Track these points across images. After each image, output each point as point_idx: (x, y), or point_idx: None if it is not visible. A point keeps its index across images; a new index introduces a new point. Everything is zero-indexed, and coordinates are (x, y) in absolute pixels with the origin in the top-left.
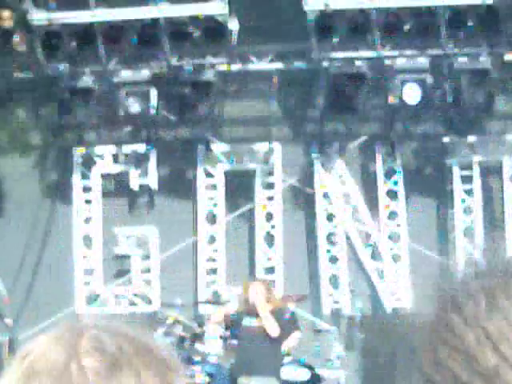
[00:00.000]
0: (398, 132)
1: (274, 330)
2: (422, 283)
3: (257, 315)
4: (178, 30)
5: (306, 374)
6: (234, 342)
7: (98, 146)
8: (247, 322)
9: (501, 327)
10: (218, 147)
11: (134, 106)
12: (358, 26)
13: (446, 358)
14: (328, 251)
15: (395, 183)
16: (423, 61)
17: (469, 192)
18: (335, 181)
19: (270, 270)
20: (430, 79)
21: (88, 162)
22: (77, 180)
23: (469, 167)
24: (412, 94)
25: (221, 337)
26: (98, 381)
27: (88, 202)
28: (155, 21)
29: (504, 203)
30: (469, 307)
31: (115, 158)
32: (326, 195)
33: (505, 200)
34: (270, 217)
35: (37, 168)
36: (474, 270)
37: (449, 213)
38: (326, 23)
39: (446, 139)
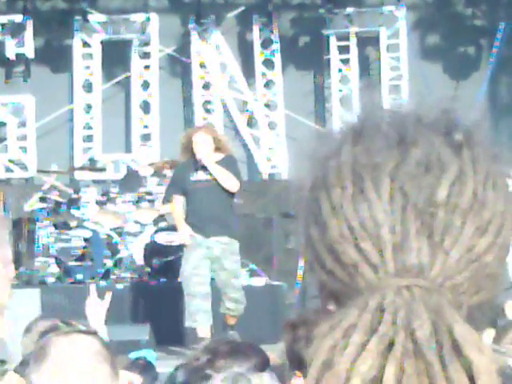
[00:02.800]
0: (275, 2)
1: (232, 182)
2: (297, 150)
3: (204, 167)
4: None
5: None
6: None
7: None
8: (196, 176)
9: (364, 222)
10: (95, 17)
11: None
12: None
13: (315, 239)
14: (204, 119)
15: (272, 53)
16: None
17: (346, 62)
18: (212, 51)
19: (147, 137)
20: None
21: None
22: None
23: (346, 38)
24: None
25: (97, 202)
26: None
27: None
28: None
29: (381, 73)
30: (336, 192)
31: None
32: (203, 65)
33: (381, 70)
34: (146, 85)
35: None
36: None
37: (326, 82)
38: None
39: (322, 10)
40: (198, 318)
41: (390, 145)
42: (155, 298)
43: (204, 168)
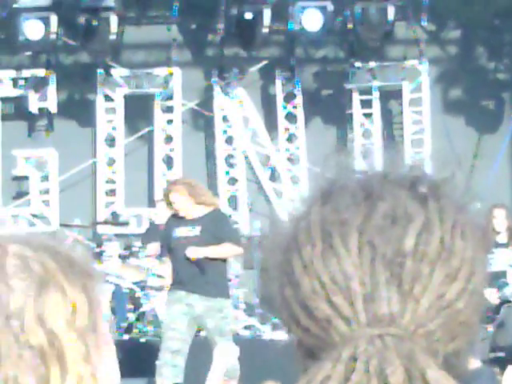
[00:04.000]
0: (298, 57)
1: (232, 252)
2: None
3: (190, 223)
4: None
5: None
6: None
7: None
8: (178, 232)
9: (334, 276)
10: (118, 71)
11: (34, 32)
12: None
13: (289, 298)
14: (227, 172)
15: (294, 107)
16: None
17: (368, 116)
18: (234, 105)
19: None
20: (330, 6)
21: None
22: None
23: (368, 92)
24: (312, 20)
25: (119, 256)
26: (27, 302)
27: None
28: None
29: (403, 127)
30: (306, 250)
31: (14, 83)
32: (225, 118)
33: (404, 124)
34: (169, 139)
35: None
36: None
37: (348, 136)
38: None
39: (346, 64)
40: (164, 372)
41: (356, 201)
42: None
43: (188, 223)
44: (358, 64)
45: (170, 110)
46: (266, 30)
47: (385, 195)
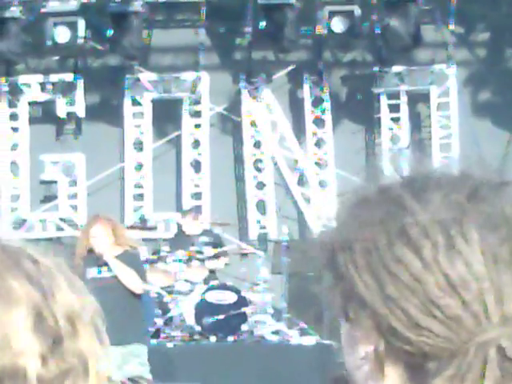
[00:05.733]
0: (325, 61)
1: (133, 280)
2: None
3: (105, 263)
4: None
5: (232, 297)
6: None
7: (25, 75)
8: (94, 272)
9: (462, 274)
10: (146, 76)
11: (62, 36)
12: None
13: (397, 295)
14: (255, 177)
15: (323, 111)
16: None
17: (396, 120)
18: (262, 109)
19: (197, 196)
20: (357, 10)
21: (15, 91)
22: (4, 108)
23: (396, 96)
24: (340, 25)
25: (147, 260)
26: None
27: (15, 129)
28: None
29: (432, 131)
30: (427, 249)
31: (42, 87)
32: (253, 123)
33: (432, 128)
34: (197, 144)
35: None
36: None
37: (376, 141)
38: None
39: (374, 69)
40: None
41: (461, 201)
42: (205, 358)
43: (104, 264)
44: (385, 68)
45: (197, 114)
46: (293, 34)
47: (484, 196)
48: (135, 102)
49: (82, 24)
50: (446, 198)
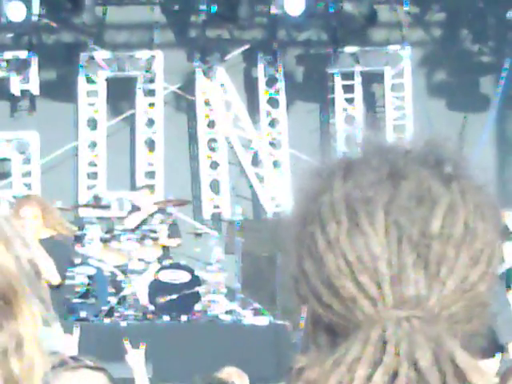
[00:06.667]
0: (280, 40)
1: (47, 270)
2: (294, 186)
3: None
4: None
5: (185, 276)
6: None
7: None
8: None
9: (362, 256)
10: (100, 54)
11: (16, 13)
12: None
13: (310, 272)
14: (209, 157)
15: (277, 91)
16: None
17: (350, 101)
18: (216, 88)
19: (151, 175)
20: None
21: None
22: None
23: (351, 77)
24: (295, 4)
25: (101, 239)
26: None
27: None
28: None
29: (386, 112)
30: (331, 226)
31: None
32: (207, 103)
33: (386, 109)
34: (151, 122)
35: None
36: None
37: (330, 121)
38: None
39: (328, 49)
40: None
41: (381, 178)
42: (159, 337)
43: None
44: (340, 49)
45: (151, 93)
46: (248, 13)
47: (409, 173)
48: (89, 80)
49: (36, 1)
50: (368, 176)
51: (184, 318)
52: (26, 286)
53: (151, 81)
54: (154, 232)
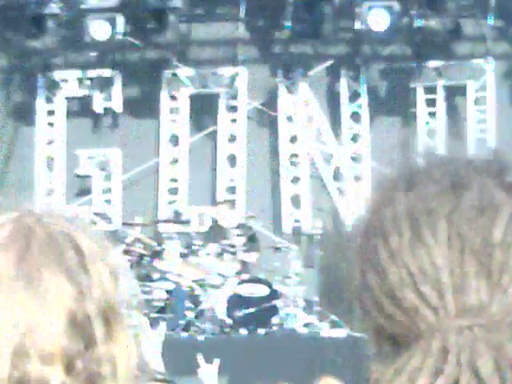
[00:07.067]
0: (363, 56)
1: None
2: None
3: None
4: None
5: (264, 290)
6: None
7: (62, 70)
8: None
9: (424, 267)
10: (183, 71)
11: (101, 32)
12: None
13: (373, 284)
14: (290, 171)
15: (359, 106)
16: None
17: (433, 115)
18: (299, 104)
19: (232, 190)
20: (397, 6)
21: (53, 86)
22: (41, 103)
23: (433, 91)
24: (379, 20)
25: (180, 254)
26: None
27: (51, 124)
28: None
29: (468, 126)
30: (394, 238)
31: (80, 82)
32: (289, 118)
33: (468, 123)
34: (233, 139)
35: (1, 90)
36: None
37: (413, 135)
38: None
39: (411, 63)
40: None
41: (443, 190)
42: (236, 350)
43: None
44: (423, 63)
45: (234, 109)
46: (331, 29)
47: (471, 183)
48: (172, 97)
49: (120, 20)
50: (430, 187)
51: (261, 331)
52: (125, 309)
53: (234, 97)
54: (233, 246)
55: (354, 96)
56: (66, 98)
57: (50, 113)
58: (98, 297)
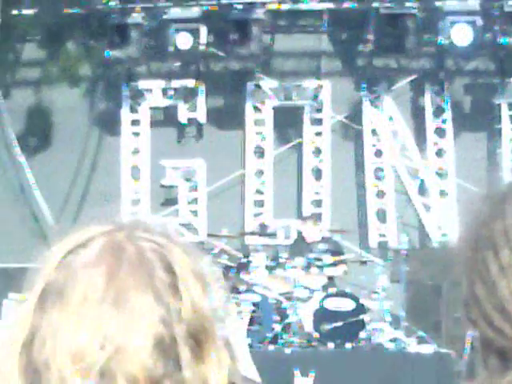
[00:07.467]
0: (447, 70)
1: None
2: (468, 219)
3: None
4: None
5: (350, 304)
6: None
7: (147, 80)
8: None
9: None
10: (267, 83)
11: (184, 42)
12: None
13: (482, 297)
14: (375, 185)
15: (444, 121)
16: (473, 2)
17: None
18: (383, 118)
19: (318, 203)
20: (480, 21)
21: (137, 96)
22: (125, 113)
23: None
24: (462, 35)
25: (266, 267)
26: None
27: (136, 134)
28: None
29: None
30: (504, 253)
31: (164, 92)
32: (374, 132)
33: None
34: (318, 151)
35: (86, 100)
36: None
37: (497, 151)
38: None
39: (495, 79)
40: None
41: None
42: (323, 364)
43: None
44: (507, 79)
45: (319, 122)
46: (415, 43)
47: None
48: (257, 109)
49: (203, 30)
50: None
51: (348, 345)
52: (218, 329)
53: (318, 110)
54: (320, 260)
55: (438, 111)
56: (150, 108)
57: (135, 122)
58: (188, 318)
